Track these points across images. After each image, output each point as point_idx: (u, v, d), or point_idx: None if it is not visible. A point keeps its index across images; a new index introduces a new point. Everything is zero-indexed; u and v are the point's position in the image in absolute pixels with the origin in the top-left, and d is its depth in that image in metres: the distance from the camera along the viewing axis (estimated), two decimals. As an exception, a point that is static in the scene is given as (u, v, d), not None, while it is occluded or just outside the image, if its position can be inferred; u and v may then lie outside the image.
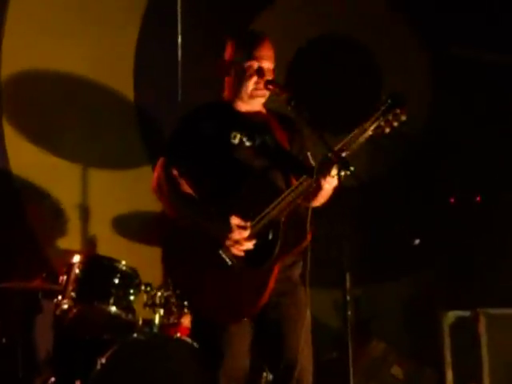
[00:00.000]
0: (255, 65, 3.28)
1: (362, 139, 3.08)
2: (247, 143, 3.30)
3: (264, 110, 3.40)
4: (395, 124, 3.09)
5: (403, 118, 3.09)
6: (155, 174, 3.37)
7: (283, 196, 3.14)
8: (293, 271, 3.25)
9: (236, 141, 3.29)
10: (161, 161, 3.37)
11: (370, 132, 3.09)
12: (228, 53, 3.39)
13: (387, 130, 3.10)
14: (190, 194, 3.29)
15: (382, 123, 3.08)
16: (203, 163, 3.29)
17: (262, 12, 5.40)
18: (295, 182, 3.16)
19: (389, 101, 3.09)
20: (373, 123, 3.08)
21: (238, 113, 3.35)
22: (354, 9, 5.56)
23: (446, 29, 5.50)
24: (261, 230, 3.14)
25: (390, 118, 3.07)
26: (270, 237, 3.14)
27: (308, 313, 3.23)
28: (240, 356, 3.21)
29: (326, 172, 3.06)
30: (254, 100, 3.32)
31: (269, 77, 3.29)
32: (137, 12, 5.25)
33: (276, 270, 3.13)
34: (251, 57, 3.29)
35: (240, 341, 3.20)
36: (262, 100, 3.35)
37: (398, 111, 3.07)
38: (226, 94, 3.41)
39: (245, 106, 3.36)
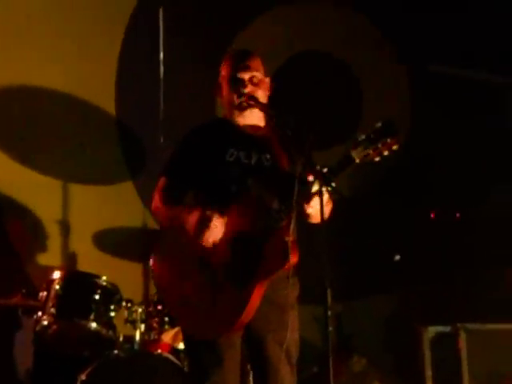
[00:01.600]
0: (234, 76, 3.32)
1: (348, 167, 3.04)
2: (244, 161, 3.31)
3: (265, 127, 3.40)
4: (385, 153, 3.01)
5: (395, 147, 3.00)
6: (155, 195, 3.38)
7: (266, 219, 3.13)
8: (282, 295, 3.22)
9: (232, 158, 3.31)
10: (160, 181, 3.39)
11: (357, 160, 3.03)
12: (220, 75, 3.43)
13: (376, 159, 3.02)
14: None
15: (371, 151, 3.01)
16: (200, 181, 3.32)
17: (245, 28, 5.43)
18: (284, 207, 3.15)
19: (380, 129, 3.02)
20: (361, 151, 3.02)
21: (237, 130, 3.36)
22: (334, 26, 5.61)
23: (425, 46, 5.55)
24: (243, 251, 3.15)
25: (380, 146, 3.00)
26: (253, 257, 3.15)
27: (297, 335, 3.25)
28: (229, 373, 3.21)
29: (304, 199, 3.07)
30: (245, 112, 3.32)
31: (251, 86, 3.30)
32: (119, 28, 5.26)
33: (258, 290, 3.13)
34: (235, 69, 3.33)
35: (229, 358, 3.21)
36: (253, 113, 3.34)
37: (389, 140, 2.99)
38: (224, 111, 3.42)
39: (242, 121, 3.35)
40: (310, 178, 3.08)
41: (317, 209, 3.02)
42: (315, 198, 3.04)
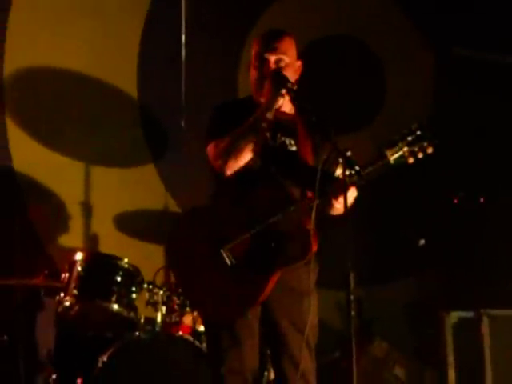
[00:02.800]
0: (265, 55, 3.27)
1: (381, 166, 3.03)
2: (269, 141, 3.26)
3: (291, 112, 3.36)
4: (420, 155, 3.02)
5: (429, 150, 3.02)
6: (213, 155, 3.25)
7: (290, 210, 3.12)
8: (302, 280, 3.20)
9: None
10: (212, 144, 3.28)
11: (391, 161, 3.03)
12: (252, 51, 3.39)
13: (410, 161, 3.04)
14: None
15: (406, 154, 3.02)
16: None
17: (266, 11, 5.39)
18: (307, 196, 3.14)
19: (418, 132, 3.02)
20: (396, 152, 3.02)
21: None
22: (357, 10, 5.55)
23: (449, 29, 5.49)
24: (264, 237, 3.13)
25: (416, 149, 3.01)
26: (273, 245, 3.14)
27: (315, 319, 3.24)
28: (247, 355, 3.21)
29: (332, 194, 3.05)
30: (264, 92, 3.26)
31: (285, 71, 3.24)
32: (141, 10, 5.25)
33: (274, 278, 3.12)
34: (263, 49, 3.29)
35: (246, 340, 3.20)
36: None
37: (426, 144, 3.01)
38: (253, 92, 3.37)
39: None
40: (335, 170, 3.06)
41: (341, 203, 2.96)
42: (341, 196, 2.97)
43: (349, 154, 2.99)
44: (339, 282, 2.93)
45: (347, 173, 2.96)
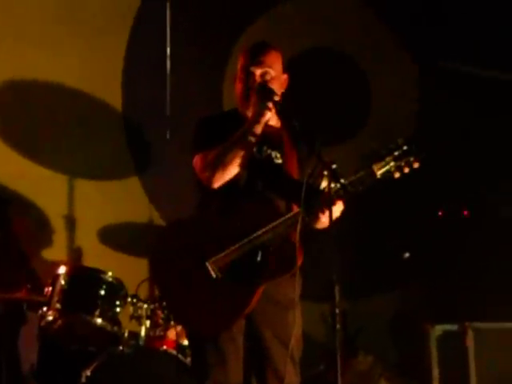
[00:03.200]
0: (251, 69, 3.27)
1: (368, 180, 3.03)
2: (255, 154, 3.26)
3: (277, 125, 3.36)
4: (406, 170, 3.03)
5: (416, 165, 3.03)
6: (200, 167, 3.24)
7: (276, 224, 3.11)
8: (286, 293, 3.20)
9: None
10: (199, 156, 3.27)
11: (378, 176, 3.03)
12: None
13: (396, 175, 3.05)
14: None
15: (393, 168, 3.03)
16: None
17: (252, 24, 5.40)
18: (291, 212, 3.12)
19: (404, 147, 3.03)
20: (383, 167, 3.02)
21: None
22: (343, 23, 5.58)
23: (433, 43, 5.52)
24: (249, 251, 3.12)
25: (402, 164, 3.02)
26: (259, 258, 3.13)
27: (299, 332, 3.23)
28: (231, 369, 3.19)
29: (318, 208, 3.05)
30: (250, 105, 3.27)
31: (271, 85, 3.24)
32: (126, 22, 5.24)
33: (259, 291, 3.12)
34: (249, 62, 3.29)
35: (231, 353, 3.19)
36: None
37: (412, 159, 3.02)
38: (238, 105, 3.36)
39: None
40: (321, 183, 3.06)
41: (327, 217, 2.96)
42: (327, 209, 2.97)
43: (334, 166, 2.99)
44: (324, 295, 2.92)
45: (332, 186, 2.96)
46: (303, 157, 3.28)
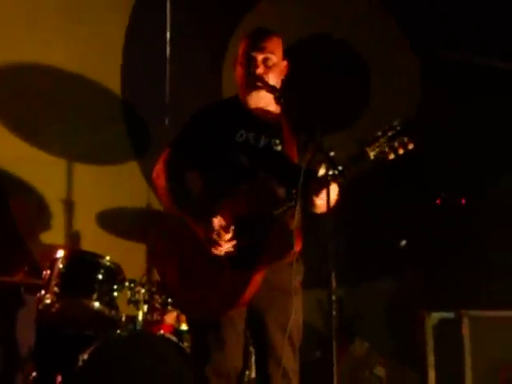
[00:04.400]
0: (252, 54, 3.27)
1: (361, 162, 3.01)
2: (252, 143, 3.28)
3: (277, 111, 3.35)
4: (401, 152, 2.98)
5: (410, 146, 2.98)
6: (157, 165, 3.36)
7: (273, 208, 3.11)
8: (288, 280, 3.16)
9: (241, 139, 3.28)
10: (165, 152, 3.36)
11: (372, 157, 3.00)
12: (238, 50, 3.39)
13: (391, 156, 3.00)
14: (185, 189, 3.29)
15: (386, 149, 2.99)
16: (206, 159, 3.29)
17: (252, 9, 5.39)
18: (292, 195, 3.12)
19: (397, 127, 2.99)
20: (376, 148, 2.99)
21: (248, 111, 3.32)
22: (343, 11, 5.56)
23: (434, 32, 5.51)
24: (247, 235, 3.13)
25: (396, 145, 2.98)
26: (257, 243, 3.13)
27: (300, 320, 3.25)
28: (231, 354, 3.20)
29: (313, 191, 3.04)
30: (252, 93, 3.27)
31: (263, 67, 3.26)
32: (125, 7, 5.23)
33: (259, 275, 3.12)
34: (250, 48, 3.28)
35: (231, 339, 3.20)
36: (261, 95, 3.27)
37: (406, 140, 2.98)
38: (238, 91, 3.37)
39: (253, 102, 3.30)
40: (319, 170, 3.06)
41: (324, 200, 2.96)
42: (324, 190, 2.98)
43: (332, 154, 3.00)
44: (320, 282, 2.93)
45: (330, 173, 2.97)
46: (302, 143, 3.28)
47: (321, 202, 3.08)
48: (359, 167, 3.02)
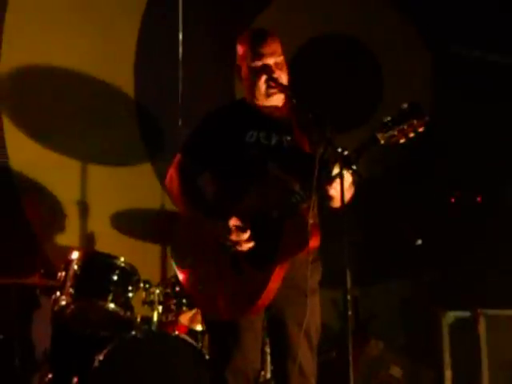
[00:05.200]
0: (259, 63, 3.26)
1: (372, 147, 2.99)
2: (264, 142, 3.28)
3: (286, 108, 3.35)
4: (411, 135, 2.96)
5: (420, 129, 2.95)
6: (170, 170, 3.39)
7: (289, 202, 3.11)
8: (303, 279, 3.14)
9: (252, 139, 3.28)
10: (176, 158, 3.39)
11: (382, 141, 2.99)
12: (237, 56, 3.38)
13: (401, 141, 2.98)
14: (199, 192, 3.31)
15: (396, 133, 2.96)
16: (218, 163, 3.31)
17: (264, 9, 5.38)
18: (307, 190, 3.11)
19: (406, 110, 2.97)
20: (386, 132, 2.97)
21: (257, 111, 3.33)
22: (355, 8, 5.54)
23: (447, 28, 5.49)
24: (263, 234, 3.13)
25: (405, 127, 2.95)
26: (273, 239, 3.12)
27: (319, 320, 3.26)
28: (249, 355, 3.20)
29: (325, 182, 3.04)
30: (271, 98, 3.29)
31: (278, 71, 3.26)
32: (138, 8, 5.24)
33: (278, 272, 3.11)
34: (255, 56, 3.27)
35: (250, 340, 3.20)
36: (280, 97, 3.30)
37: (415, 122, 2.94)
38: (246, 94, 3.38)
39: (265, 103, 3.31)
40: (331, 160, 3.05)
41: (339, 192, 2.94)
42: (337, 180, 3.00)
43: (346, 153, 2.99)
44: (336, 281, 2.92)
45: (344, 172, 2.96)
46: (314, 141, 3.27)
47: (334, 193, 3.07)
48: (368, 150, 3.00)
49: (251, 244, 3.13)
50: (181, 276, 3.30)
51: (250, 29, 3.69)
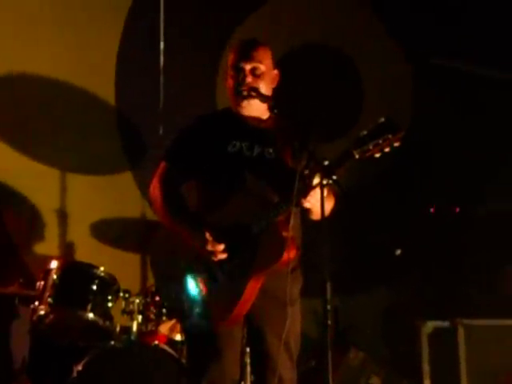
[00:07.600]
0: (235, 65, 3.30)
1: (347, 162, 3.00)
2: (246, 152, 3.29)
3: (270, 120, 3.37)
4: (386, 149, 2.97)
5: (396, 143, 2.96)
6: (153, 179, 3.39)
7: (265, 215, 3.12)
8: (282, 289, 3.14)
9: (234, 149, 3.29)
10: (160, 165, 3.39)
11: (356, 156, 2.99)
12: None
13: (377, 155, 2.99)
14: (181, 201, 3.33)
15: (371, 147, 2.97)
16: (200, 172, 3.31)
17: (245, 20, 5.40)
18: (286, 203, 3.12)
19: (382, 125, 2.98)
20: (360, 146, 2.98)
21: (241, 121, 3.34)
22: (336, 19, 5.58)
23: (427, 40, 5.53)
24: (239, 244, 3.14)
25: (381, 142, 2.96)
26: (249, 250, 3.14)
27: (299, 329, 3.27)
28: (228, 367, 3.20)
29: (302, 194, 3.05)
30: (243, 103, 3.29)
31: (252, 78, 3.27)
32: (119, 17, 5.23)
33: (253, 284, 3.12)
34: (238, 58, 3.31)
35: (229, 351, 3.20)
36: (253, 104, 3.30)
37: (391, 136, 2.95)
38: (230, 102, 3.39)
39: (245, 112, 3.32)
40: (312, 174, 3.06)
41: (318, 205, 2.96)
42: (313, 192, 3.01)
43: (326, 163, 3.00)
44: (316, 291, 2.93)
45: (324, 182, 2.96)
46: (297, 151, 3.28)
47: (310, 206, 3.08)
48: (343, 165, 3.00)
49: (225, 255, 3.14)
50: (159, 286, 3.31)
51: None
